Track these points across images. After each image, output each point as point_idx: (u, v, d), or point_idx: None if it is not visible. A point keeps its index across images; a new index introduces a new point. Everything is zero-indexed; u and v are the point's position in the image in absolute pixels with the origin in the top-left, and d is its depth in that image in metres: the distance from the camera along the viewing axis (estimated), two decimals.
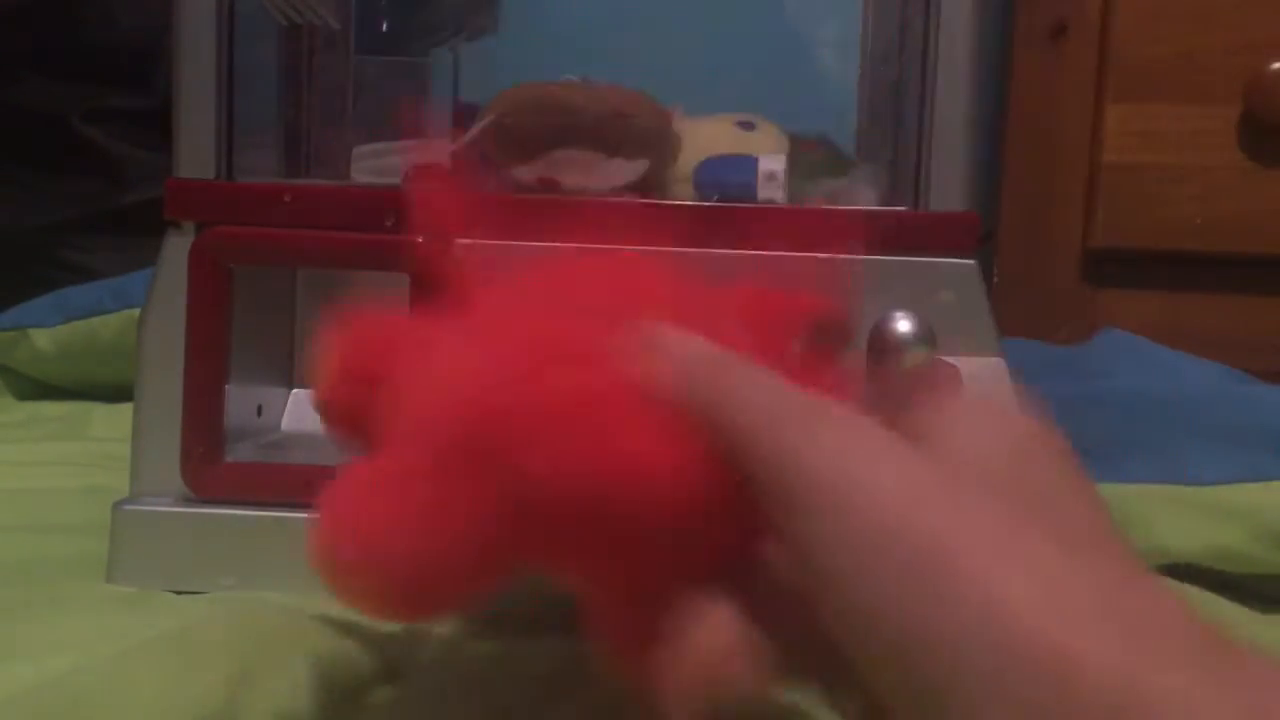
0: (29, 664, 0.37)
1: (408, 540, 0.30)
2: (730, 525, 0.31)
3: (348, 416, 0.36)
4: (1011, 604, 0.23)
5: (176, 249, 0.52)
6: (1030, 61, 1.21)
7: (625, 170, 0.58)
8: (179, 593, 0.49)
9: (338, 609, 0.43)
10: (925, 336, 0.48)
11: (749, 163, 0.58)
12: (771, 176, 0.57)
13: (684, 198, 0.59)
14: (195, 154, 0.52)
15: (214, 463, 0.50)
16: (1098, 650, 0.22)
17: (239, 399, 0.52)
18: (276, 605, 0.44)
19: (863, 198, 0.56)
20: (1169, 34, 1.16)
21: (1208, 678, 0.21)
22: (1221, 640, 0.22)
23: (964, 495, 0.25)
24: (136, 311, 0.54)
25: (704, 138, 0.61)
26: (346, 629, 0.42)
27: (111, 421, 0.80)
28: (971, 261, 0.52)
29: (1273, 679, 0.21)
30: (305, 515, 0.31)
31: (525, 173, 0.57)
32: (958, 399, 0.30)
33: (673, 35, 1.14)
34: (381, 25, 0.71)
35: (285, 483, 0.49)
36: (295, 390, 0.56)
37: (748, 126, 0.62)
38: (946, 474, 0.26)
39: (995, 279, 1.21)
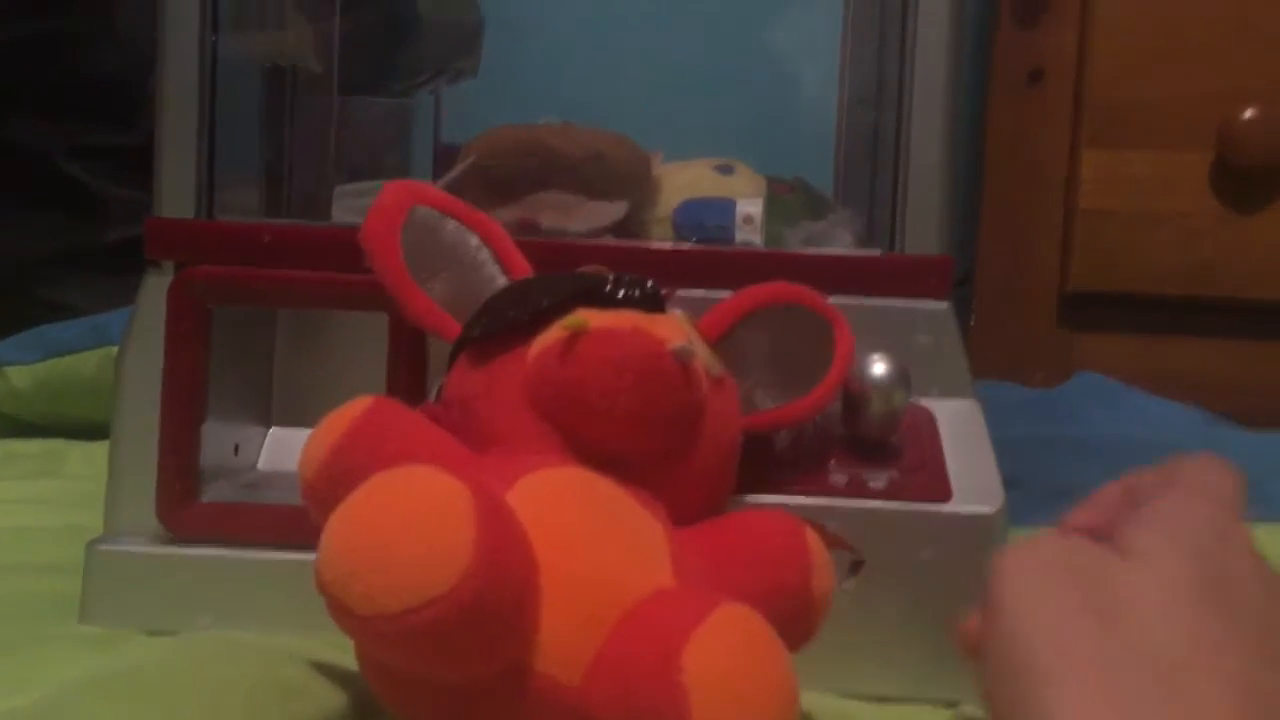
0: None
1: None
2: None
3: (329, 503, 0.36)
4: None
5: (155, 288, 0.52)
6: (1006, 106, 1.22)
7: (605, 212, 0.58)
8: (152, 633, 0.49)
9: (308, 647, 0.43)
10: (900, 379, 0.48)
11: (727, 206, 0.58)
12: (749, 219, 0.58)
13: (663, 239, 0.60)
14: (176, 193, 0.52)
15: (190, 502, 0.50)
16: None
17: (216, 438, 0.52)
18: (249, 644, 0.44)
19: (839, 241, 0.57)
20: (1144, 80, 1.17)
21: None
22: None
23: None
24: (116, 349, 0.54)
25: (683, 181, 0.61)
26: (319, 668, 0.42)
27: (88, 460, 0.80)
28: (945, 305, 0.52)
29: None
30: (281, 555, 0.30)
31: (505, 214, 0.58)
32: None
33: (652, 80, 1.15)
34: (364, 68, 0.72)
35: (261, 522, 0.49)
36: (273, 429, 0.56)
37: (726, 170, 0.62)
38: None
39: (972, 322, 1.22)
